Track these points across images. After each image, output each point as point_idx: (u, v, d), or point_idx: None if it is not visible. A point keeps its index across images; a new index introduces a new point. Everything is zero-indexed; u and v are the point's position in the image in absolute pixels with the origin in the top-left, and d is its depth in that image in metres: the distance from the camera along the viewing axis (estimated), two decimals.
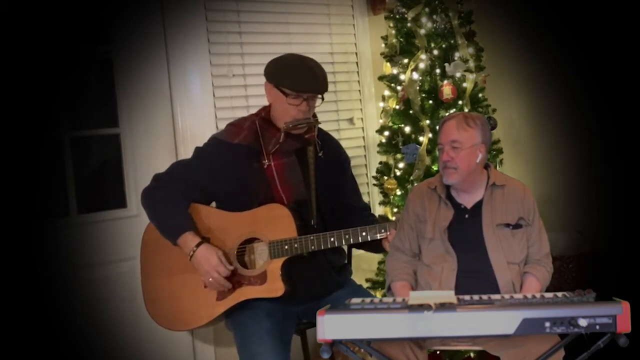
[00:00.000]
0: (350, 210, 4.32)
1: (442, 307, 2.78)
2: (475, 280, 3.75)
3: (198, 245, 3.91)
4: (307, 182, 4.12)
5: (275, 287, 3.93)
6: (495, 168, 4.79)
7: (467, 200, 3.91)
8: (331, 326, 2.81)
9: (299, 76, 3.95)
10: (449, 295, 2.87)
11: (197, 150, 4.18)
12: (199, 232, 3.99)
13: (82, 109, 4.75)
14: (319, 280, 4.14)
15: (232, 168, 4.04)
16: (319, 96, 4.06)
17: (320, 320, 2.82)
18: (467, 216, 3.88)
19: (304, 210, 4.09)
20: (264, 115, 4.12)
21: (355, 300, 3.05)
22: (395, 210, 5.35)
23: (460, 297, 3.01)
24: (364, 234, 3.96)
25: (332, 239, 3.95)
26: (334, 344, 2.85)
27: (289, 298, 4.00)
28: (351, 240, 3.96)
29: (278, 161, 4.07)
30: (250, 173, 4.05)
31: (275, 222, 3.98)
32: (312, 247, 3.94)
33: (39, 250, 4.32)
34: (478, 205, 3.89)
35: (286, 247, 3.94)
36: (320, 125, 4.33)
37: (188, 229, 3.95)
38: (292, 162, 4.10)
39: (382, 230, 4.00)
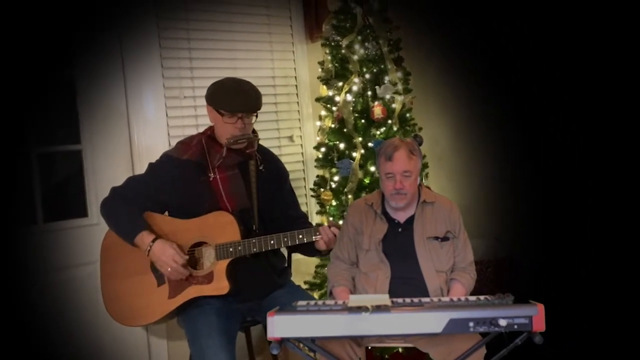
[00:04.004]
0: (289, 219, 4.35)
1: (378, 308, 2.86)
2: (407, 286, 3.84)
3: (154, 241, 3.95)
4: (249, 193, 4.16)
5: (221, 286, 3.97)
6: (422, 181, 4.88)
7: (401, 216, 4.01)
8: (280, 326, 2.88)
9: (232, 98, 4.01)
10: (384, 299, 2.95)
11: (150, 165, 4.21)
12: (154, 232, 4.03)
13: (47, 127, 4.73)
14: (261, 281, 4.20)
15: (182, 181, 4.10)
16: (254, 114, 4.13)
17: (271, 321, 2.89)
18: (400, 230, 3.98)
19: (247, 217, 4.13)
20: (210, 134, 4.19)
21: (301, 302, 3.12)
22: (331, 219, 5.42)
23: (394, 300, 3.06)
24: (300, 236, 4.02)
25: (272, 242, 3.99)
26: (282, 341, 2.92)
27: (235, 297, 4.06)
28: (289, 242, 4.02)
29: (223, 174, 4.12)
30: (198, 185, 4.10)
31: (221, 228, 4.03)
32: (255, 249, 3.99)
33: (8, 255, 4.32)
34: (410, 220, 3.99)
35: (231, 249, 3.99)
36: (262, 143, 4.38)
37: (143, 229, 3.99)
38: (236, 175, 4.15)
39: (317, 233, 4.06)
